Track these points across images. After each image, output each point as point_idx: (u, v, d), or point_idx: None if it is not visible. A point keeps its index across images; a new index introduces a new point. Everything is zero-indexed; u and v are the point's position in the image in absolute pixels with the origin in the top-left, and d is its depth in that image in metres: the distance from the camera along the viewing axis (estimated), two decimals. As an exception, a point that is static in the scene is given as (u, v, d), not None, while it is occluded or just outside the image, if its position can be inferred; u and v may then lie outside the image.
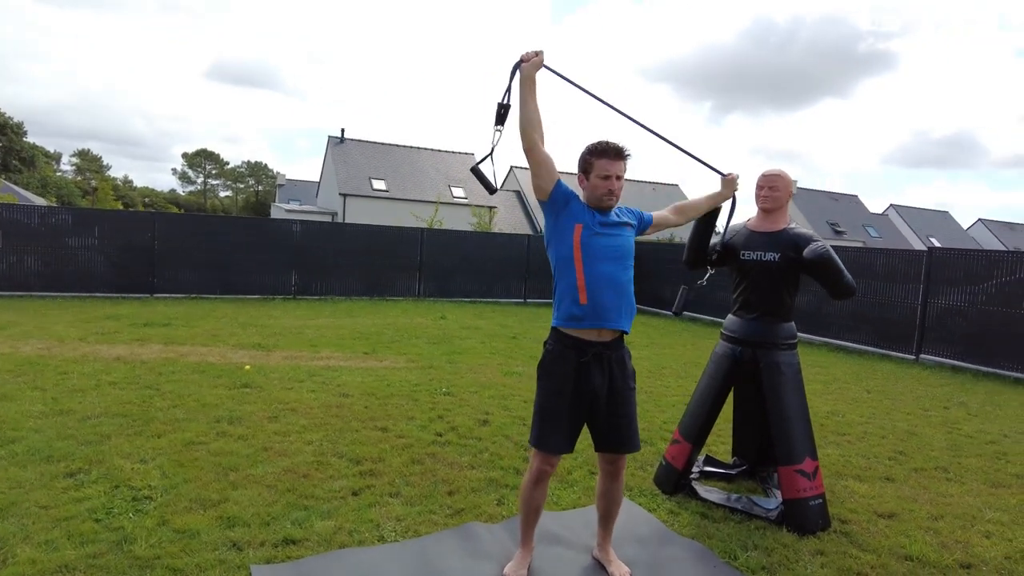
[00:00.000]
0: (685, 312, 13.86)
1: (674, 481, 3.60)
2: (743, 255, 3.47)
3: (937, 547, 3.11)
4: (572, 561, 2.82)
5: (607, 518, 2.78)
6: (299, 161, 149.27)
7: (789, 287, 3.43)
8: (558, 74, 2.67)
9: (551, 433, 2.54)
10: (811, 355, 9.14)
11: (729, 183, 3.18)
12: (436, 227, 17.27)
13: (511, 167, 36.50)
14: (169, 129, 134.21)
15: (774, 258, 3.36)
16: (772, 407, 3.38)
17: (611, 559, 2.78)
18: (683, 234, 15.99)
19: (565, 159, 2.46)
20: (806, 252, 3.27)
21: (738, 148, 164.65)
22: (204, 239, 12.55)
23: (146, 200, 64.25)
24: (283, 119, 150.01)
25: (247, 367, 6.14)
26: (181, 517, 2.97)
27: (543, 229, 2.89)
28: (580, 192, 2.60)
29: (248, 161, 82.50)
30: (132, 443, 3.91)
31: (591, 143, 2.53)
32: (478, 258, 14.81)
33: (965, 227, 44.25)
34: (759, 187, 3.46)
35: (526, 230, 29.60)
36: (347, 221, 26.22)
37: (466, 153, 33.39)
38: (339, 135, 31.11)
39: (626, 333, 2.60)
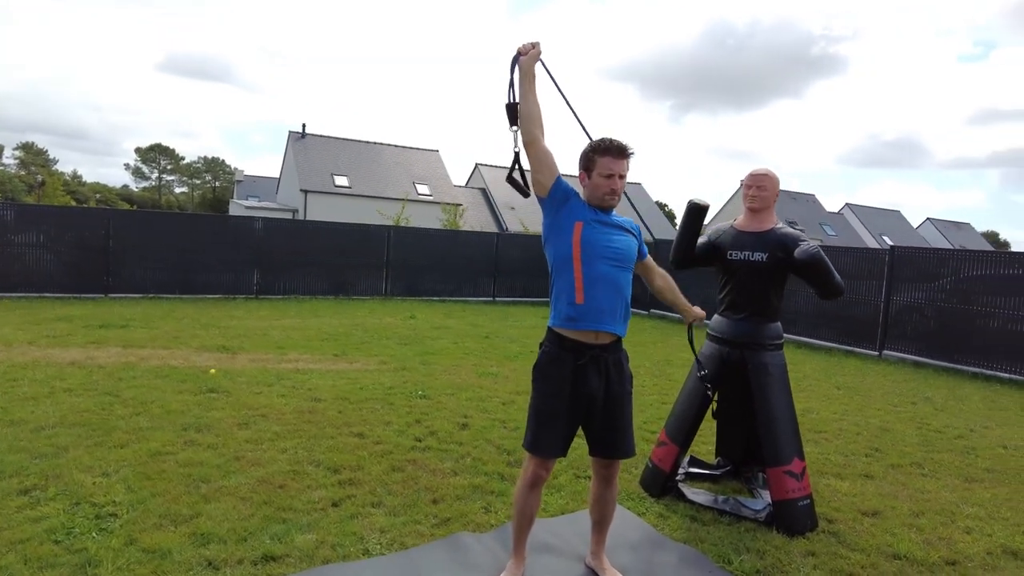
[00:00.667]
0: (653, 310, 13.97)
1: (661, 484, 3.56)
2: (730, 255, 3.44)
3: (922, 544, 3.14)
4: (565, 570, 2.75)
5: (601, 524, 2.71)
6: (257, 157, 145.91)
7: (777, 287, 3.42)
8: (547, 70, 2.59)
9: (547, 436, 2.46)
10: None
11: (699, 316, 2.88)
12: (403, 224, 17.03)
13: (476, 164, 36.29)
14: (120, 122, 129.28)
15: (762, 258, 3.34)
16: (760, 408, 3.36)
17: (605, 567, 2.72)
18: (664, 233, 16.08)
19: (565, 159, 2.36)
20: (797, 253, 3.25)
21: (697, 147, 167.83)
22: (162, 237, 12.06)
23: (98, 196, 61.80)
24: (240, 114, 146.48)
25: (212, 371, 5.89)
26: (150, 535, 2.78)
27: (541, 227, 2.78)
28: (581, 190, 2.52)
29: (204, 156, 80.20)
30: (92, 455, 3.68)
31: (594, 140, 2.45)
32: (447, 256, 14.62)
33: (915, 226, 45.97)
34: (747, 186, 3.44)
35: (492, 228, 29.45)
36: (308, 218, 25.68)
37: (431, 150, 33.06)
38: (300, 130, 30.48)
39: (622, 337, 2.53)
